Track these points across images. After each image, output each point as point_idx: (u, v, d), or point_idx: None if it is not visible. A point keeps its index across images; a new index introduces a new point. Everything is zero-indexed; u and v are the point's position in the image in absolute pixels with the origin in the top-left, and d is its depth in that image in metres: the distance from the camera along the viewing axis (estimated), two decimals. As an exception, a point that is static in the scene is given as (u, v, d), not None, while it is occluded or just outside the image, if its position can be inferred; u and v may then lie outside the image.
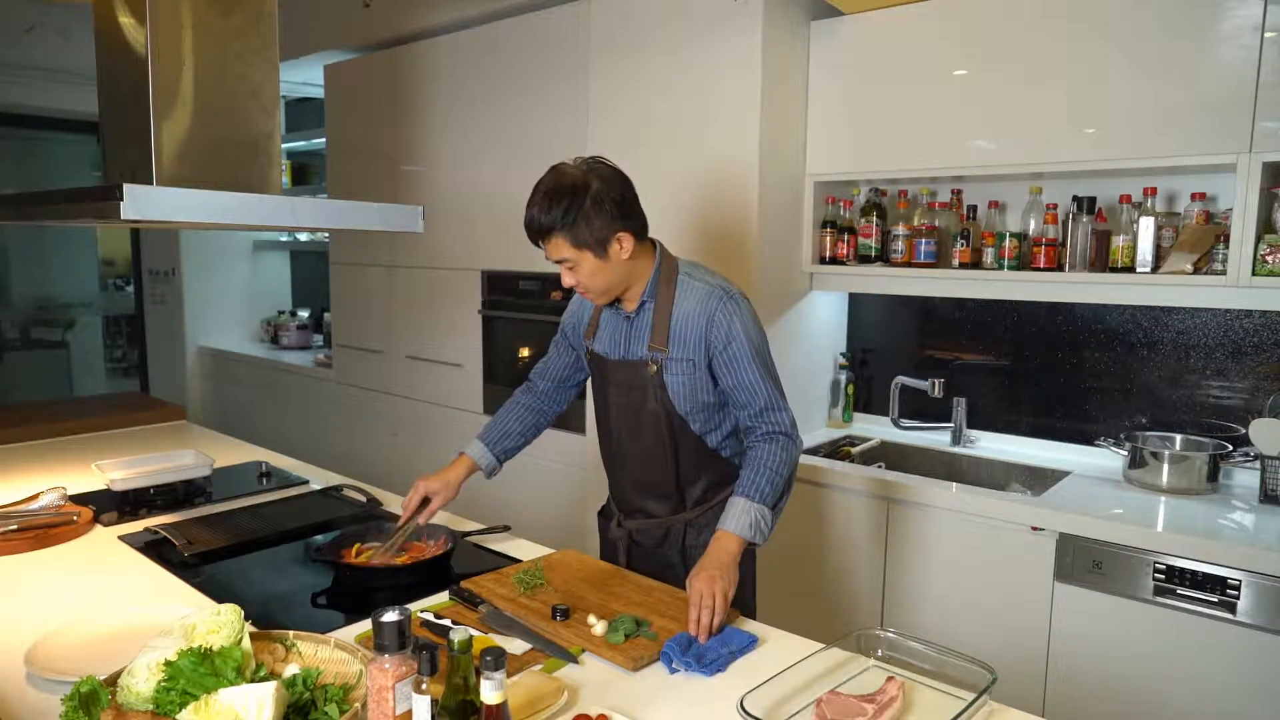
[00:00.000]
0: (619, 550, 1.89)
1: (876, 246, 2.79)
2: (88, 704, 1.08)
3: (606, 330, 1.82)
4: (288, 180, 4.91)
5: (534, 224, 1.66)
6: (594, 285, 1.69)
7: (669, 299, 1.72)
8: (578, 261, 1.65)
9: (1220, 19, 2.10)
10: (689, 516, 1.81)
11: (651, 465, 1.79)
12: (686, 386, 1.71)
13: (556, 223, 1.62)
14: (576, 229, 1.63)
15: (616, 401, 1.80)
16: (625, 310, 1.77)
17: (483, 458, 1.95)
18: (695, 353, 1.70)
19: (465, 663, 0.99)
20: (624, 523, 1.88)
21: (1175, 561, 1.98)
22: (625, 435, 1.81)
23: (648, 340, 1.73)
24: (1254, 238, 2.09)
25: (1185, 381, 2.49)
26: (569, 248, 1.64)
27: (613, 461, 1.89)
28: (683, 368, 1.71)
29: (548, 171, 1.69)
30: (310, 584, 1.71)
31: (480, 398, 3.55)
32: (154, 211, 1.47)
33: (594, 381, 1.88)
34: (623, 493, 1.89)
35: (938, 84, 2.53)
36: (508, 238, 3.37)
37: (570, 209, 1.62)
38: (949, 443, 2.83)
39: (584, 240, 1.64)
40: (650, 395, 1.73)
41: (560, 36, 3.09)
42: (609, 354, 1.80)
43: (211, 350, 5.17)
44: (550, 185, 1.65)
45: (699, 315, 1.69)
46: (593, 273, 1.66)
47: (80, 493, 2.18)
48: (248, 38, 1.86)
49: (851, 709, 1.20)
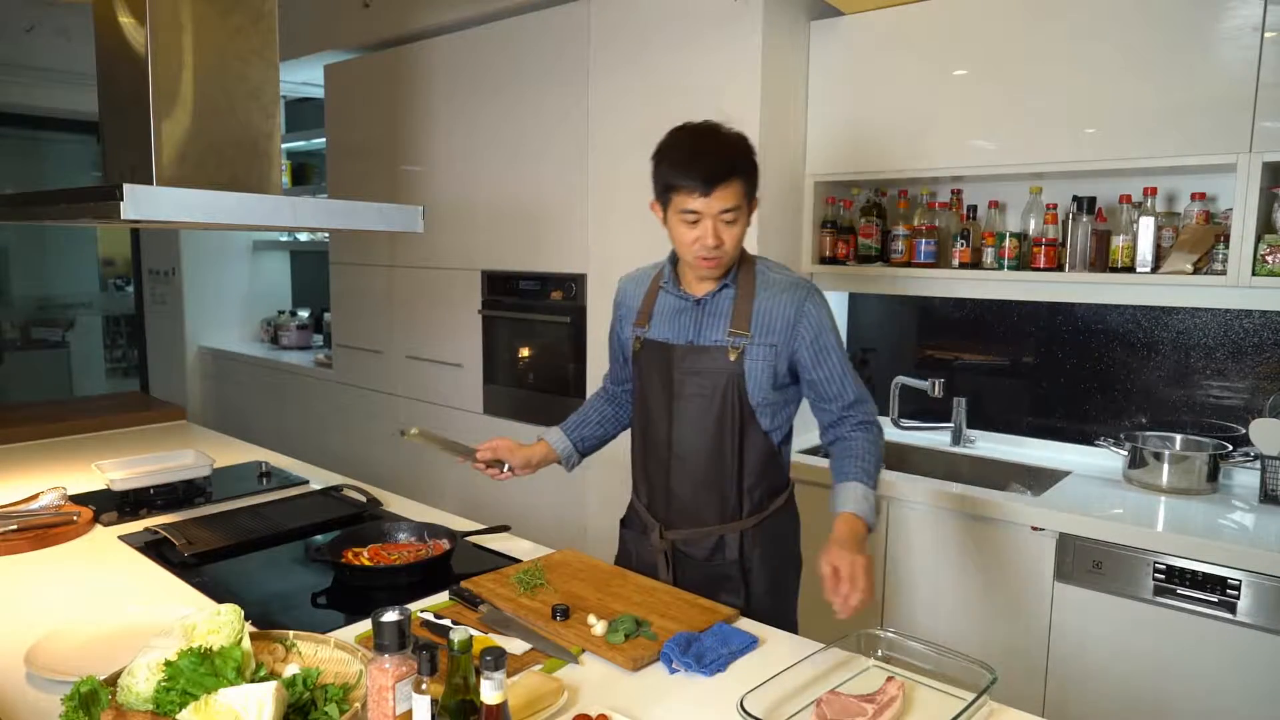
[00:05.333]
0: (660, 564, 1.76)
1: (876, 246, 2.79)
2: (88, 704, 1.08)
3: (665, 316, 1.73)
4: (288, 180, 4.91)
5: (719, 163, 1.55)
6: (734, 249, 1.62)
7: (750, 285, 1.67)
8: (739, 215, 1.59)
9: (1220, 19, 2.10)
10: (745, 525, 1.71)
11: (712, 464, 1.69)
12: (764, 374, 1.65)
13: (740, 166, 1.56)
14: (753, 177, 1.59)
15: (680, 392, 1.69)
16: (692, 295, 1.70)
17: (560, 443, 1.90)
18: (779, 339, 1.64)
19: (465, 663, 0.99)
20: (666, 534, 1.75)
21: (1175, 561, 1.98)
22: (684, 430, 1.70)
23: (727, 325, 1.66)
24: (1254, 238, 2.09)
25: (1185, 381, 2.49)
26: (742, 195, 1.58)
27: (660, 462, 1.75)
28: (764, 354, 1.64)
29: (692, 124, 1.62)
30: (310, 584, 1.71)
31: (480, 398, 3.55)
32: (154, 211, 1.47)
33: (644, 375, 1.76)
34: (669, 498, 1.75)
35: (938, 84, 2.54)
36: (508, 238, 3.37)
37: (750, 151, 1.58)
38: (949, 443, 2.83)
39: (753, 188, 1.60)
40: (725, 383, 1.65)
41: (560, 36, 3.09)
42: (673, 339, 1.71)
43: (211, 350, 5.17)
44: (715, 127, 1.59)
45: (787, 304, 1.65)
46: (741, 232, 1.61)
47: (80, 493, 2.18)
48: (248, 38, 1.86)
49: (851, 709, 1.20)
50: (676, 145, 1.62)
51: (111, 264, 6.40)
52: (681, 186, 1.57)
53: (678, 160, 1.59)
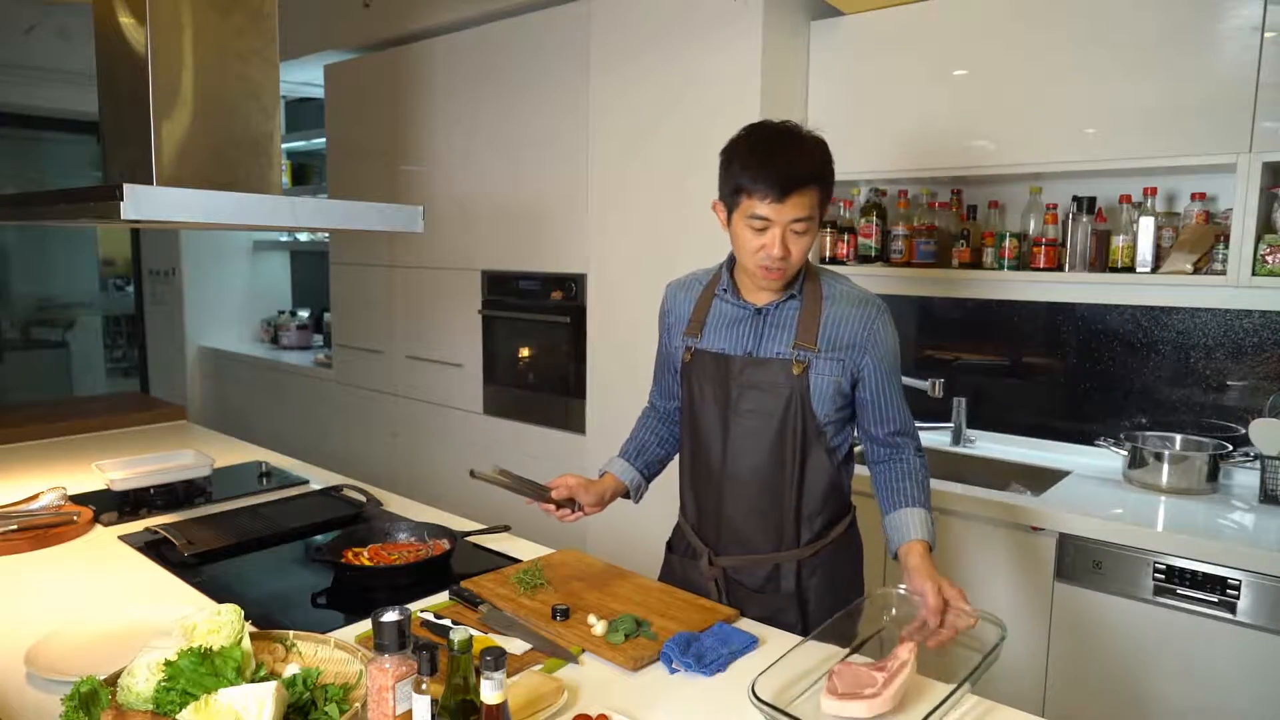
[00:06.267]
0: (713, 591, 1.65)
1: (876, 246, 2.79)
2: (88, 704, 1.08)
3: (721, 326, 1.63)
4: (288, 180, 4.91)
5: (797, 168, 1.45)
6: (799, 260, 1.52)
7: (817, 296, 1.58)
8: (810, 226, 1.48)
9: (1220, 19, 2.10)
10: (802, 555, 1.61)
11: (769, 487, 1.59)
12: (830, 387, 1.55)
13: (819, 174, 1.47)
14: (830, 187, 1.50)
15: (737, 408, 1.59)
16: (752, 304, 1.60)
17: (626, 473, 1.77)
18: (846, 355, 1.55)
19: (465, 663, 0.99)
20: (716, 560, 1.65)
21: (1175, 561, 1.98)
22: (739, 448, 1.60)
23: (792, 337, 1.56)
24: (1254, 238, 2.09)
25: (1185, 381, 2.49)
26: (816, 205, 1.48)
27: (711, 483, 1.64)
28: (831, 368, 1.55)
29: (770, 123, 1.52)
30: (310, 584, 1.71)
31: (480, 398, 3.55)
32: (154, 211, 1.47)
33: (695, 388, 1.65)
34: (720, 521, 1.64)
35: (938, 84, 2.54)
36: (508, 238, 3.37)
37: (830, 159, 1.49)
38: (949, 443, 2.83)
39: (826, 202, 1.52)
40: (789, 398, 1.55)
41: (560, 36, 3.09)
42: (730, 350, 1.61)
43: (211, 350, 5.17)
44: (797, 129, 1.49)
45: (857, 319, 1.56)
46: (810, 243, 1.51)
47: (80, 493, 2.18)
48: (248, 38, 1.86)
49: (863, 679, 1.20)
50: (752, 146, 1.50)
51: (111, 264, 6.40)
52: (754, 190, 1.46)
53: (752, 162, 1.47)
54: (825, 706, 1.19)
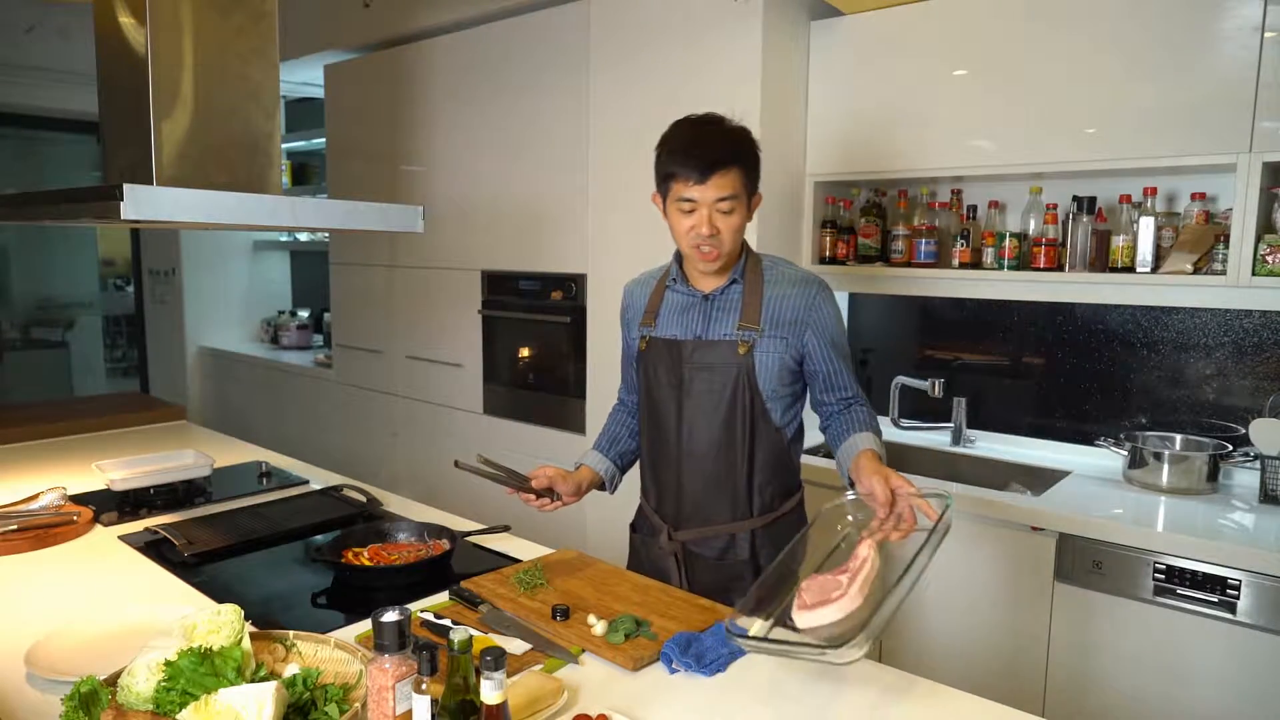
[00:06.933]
0: (672, 566, 1.75)
1: (876, 246, 2.79)
2: (88, 704, 1.08)
3: (672, 314, 1.73)
4: (288, 180, 4.91)
5: (718, 148, 1.57)
6: (731, 240, 1.62)
7: (758, 279, 1.69)
8: (736, 205, 1.60)
9: (1220, 19, 2.10)
10: (755, 524, 1.71)
11: (723, 459, 1.69)
12: (775, 367, 1.66)
13: (738, 154, 1.58)
14: (753, 167, 1.60)
15: (689, 388, 1.69)
16: (700, 290, 1.71)
17: (599, 464, 1.86)
18: (789, 332, 1.66)
19: (465, 663, 0.99)
20: (675, 534, 1.75)
21: (1175, 561, 1.98)
22: (694, 426, 1.69)
23: (736, 319, 1.67)
24: (1254, 238, 2.09)
25: (1185, 381, 2.49)
26: (740, 185, 1.59)
27: (669, 460, 1.74)
28: (775, 345, 1.66)
29: (694, 115, 1.64)
30: (310, 584, 1.71)
31: (480, 398, 3.55)
32: (154, 211, 1.47)
33: (650, 372, 1.75)
34: (679, 497, 1.74)
35: (937, 84, 2.54)
36: (508, 238, 3.37)
37: (751, 143, 1.60)
38: (949, 443, 2.83)
39: (752, 181, 1.61)
40: (735, 376, 1.65)
41: (560, 36, 3.09)
42: (681, 336, 1.71)
43: (211, 350, 5.17)
44: (719, 119, 1.61)
45: (798, 297, 1.67)
46: (740, 224, 1.62)
47: (80, 493, 2.18)
48: (248, 38, 1.86)
49: (829, 585, 1.23)
50: (677, 134, 1.63)
51: (111, 264, 6.40)
52: (679, 174, 1.59)
53: (677, 149, 1.60)
54: (799, 622, 1.21)
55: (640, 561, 1.84)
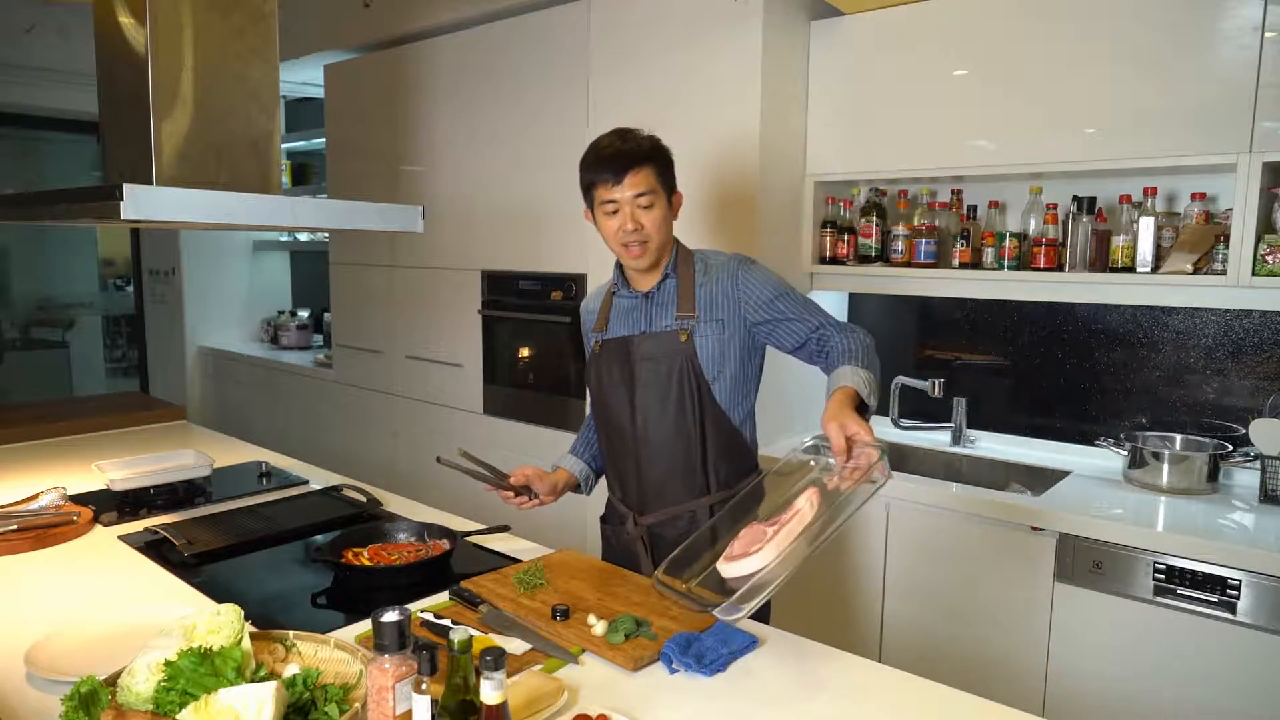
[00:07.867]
0: (640, 551, 1.84)
1: (876, 246, 2.79)
2: (88, 704, 1.08)
3: (620, 315, 1.85)
4: (288, 180, 4.91)
5: (628, 150, 1.70)
6: (656, 235, 1.73)
7: (690, 273, 1.79)
8: (655, 200, 1.71)
9: (1220, 19, 2.10)
10: (714, 500, 1.78)
11: (676, 442, 1.77)
12: (715, 349, 1.75)
13: (648, 154, 1.70)
14: (665, 166, 1.73)
15: (641, 379, 1.78)
16: (639, 291, 1.82)
17: (575, 466, 1.98)
18: (724, 313, 1.75)
19: (465, 663, 0.99)
20: (640, 520, 1.84)
21: (1175, 561, 1.98)
22: (646, 415, 1.78)
23: (674, 311, 1.77)
24: (1254, 238, 2.09)
25: (1185, 381, 2.49)
26: (655, 181, 1.71)
27: (627, 451, 1.83)
28: (712, 329, 1.75)
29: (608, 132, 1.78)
30: (310, 584, 1.71)
31: (480, 398, 3.55)
32: (154, 211, 1.47)
33: (603, 373, 1.85)
34: (640, 484, 1.83)
35: (937, 84, 2.54)
36: (508, 238, 3.37)
37: (661, 147, 1.74)
38: (949, 443, 2.83)
39: (666, 179, 1.74)
40: (679, 363, 1.75)
41: (560, 36, 3.09)
42: (629, 332, 1.82)
43: (211, 350, 5.17)
44: (629, 130, 1.75)
45: (724, 279, 1.76)
46: (661, 219, 1.73)
47: (80, 493, 2.18)
48: (248, 38, 1.86)
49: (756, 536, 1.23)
50: (593, 149, 1.77)
51: (111, 264, 6.41)
52: (597, 180, 1.73)
53: (592, 159, 1.75)
54: (722, 571, 1.23)
55: (611, 549, 1.93)
